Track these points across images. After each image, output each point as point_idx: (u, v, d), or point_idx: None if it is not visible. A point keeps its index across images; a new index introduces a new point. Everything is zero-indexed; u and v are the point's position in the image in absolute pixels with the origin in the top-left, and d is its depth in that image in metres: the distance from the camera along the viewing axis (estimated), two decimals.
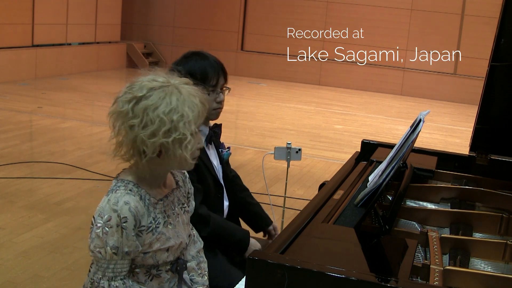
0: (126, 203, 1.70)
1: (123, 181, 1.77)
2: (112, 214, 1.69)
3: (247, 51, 13.47)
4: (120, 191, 1.73)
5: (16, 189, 4.85)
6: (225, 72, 2.49)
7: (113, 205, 1.70)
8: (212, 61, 2.44)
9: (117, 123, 1.71)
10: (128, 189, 1.74)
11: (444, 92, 12.19)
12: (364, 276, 1.50)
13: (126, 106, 1.69)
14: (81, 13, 11.86)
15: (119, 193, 1.72)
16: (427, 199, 2.44)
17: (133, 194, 1.74)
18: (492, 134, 2.77)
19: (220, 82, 2.45)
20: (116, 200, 1.71)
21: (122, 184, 1.76)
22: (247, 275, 1.56)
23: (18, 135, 6.70)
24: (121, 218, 1.69)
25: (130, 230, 1.71)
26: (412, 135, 2.08)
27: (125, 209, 1.70)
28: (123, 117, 1.70)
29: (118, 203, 1.70)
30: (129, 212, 1.70)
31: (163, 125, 1.66)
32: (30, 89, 9.81)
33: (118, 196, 1.72)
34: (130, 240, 1.72)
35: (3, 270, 3.42)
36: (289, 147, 3.55)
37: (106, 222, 1.69)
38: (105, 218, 1.69)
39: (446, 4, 12.07)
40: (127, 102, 1.70)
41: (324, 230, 1.87)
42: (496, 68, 2.58)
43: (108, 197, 1.73)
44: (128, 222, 1.70)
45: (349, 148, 7.06)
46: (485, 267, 1.92)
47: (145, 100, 1.68)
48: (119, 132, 1.72)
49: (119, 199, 1.71)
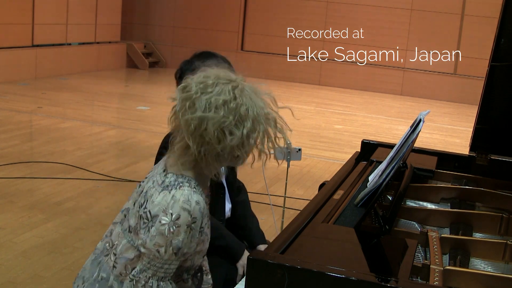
0: (197, 203, 1.64)
1: (184, 177, 1.69)
2: (182, 213, 1.62)
3: (247, 51, 13.47)
4: (185, 188, 1.65)
5: (16, 189, 4.85)
6: (232, 69, 2.49)
7: (184, 203, 1.62)
8: (219, 58, 2.46)
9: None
10: (193, 187, 1.67)
11: (444, 92, 12.19)
12: (364, 276, 1.50)
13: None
14: (81, 13, 11.86)
15: (186, 191, 1.65)
16: (427, 199, 2.44)
17: (199, 193, 1.67)
18: (492, 134, 2.77)
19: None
20: (186, 198, 1.63)
21: (185, 180, 1.68)
22: (247, 275, 1.56)
23: (18, 135, 6.70)
24: (192, 218, 1.63)
25: (196, 231, 1.66)
26: (412, 135, 2.08)
27: (197, 209, 1.64)
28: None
29: (189, 202, 1.63)
30: (199, 212, 1.65)
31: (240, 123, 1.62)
32: (30, 89, 9.81)
33: (186, 194, 1.64)
34: (193, 241, 1.67)
35: (3, 270, 3.42)
36: (289, 147, 3.55)
37: (175, 220, 1.61)
38: (174, 216, 1.61)
39: (446, 4, 12.07)
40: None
41: (324, 230, 1.87)
42: (496, 68, 2.58)
43: (172, 194, 1.64)
44: (196, 222, 1.65)
45: (349, 148, 7.05)
46: (485, 267, 1.92)
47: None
48: (177, 118, 1.65)
49: (189, 197, 1.64)
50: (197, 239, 1.69)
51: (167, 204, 1.63)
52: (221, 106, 1.60)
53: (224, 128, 1.61)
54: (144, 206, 1.68)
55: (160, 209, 1.63)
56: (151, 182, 1.74)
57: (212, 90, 1.62)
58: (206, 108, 1.61)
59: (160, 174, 1.73)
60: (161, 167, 1.76)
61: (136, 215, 1.72)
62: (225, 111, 1.60)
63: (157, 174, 1.76)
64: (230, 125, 1.61)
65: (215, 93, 1.62)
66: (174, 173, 1.70)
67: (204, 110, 1.60)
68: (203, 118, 1.60)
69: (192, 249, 1.70)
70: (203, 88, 1.63)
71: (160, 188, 1.68)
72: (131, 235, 1.73)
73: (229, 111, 1.61)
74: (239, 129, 1.61)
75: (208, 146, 1.62)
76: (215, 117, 1.60)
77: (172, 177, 1.69)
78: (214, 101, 1.61)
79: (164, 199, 1.64)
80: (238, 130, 1.61)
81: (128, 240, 1.74)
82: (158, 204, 1.64)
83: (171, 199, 1.63)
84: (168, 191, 1.65)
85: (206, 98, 1.61)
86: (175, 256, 1.65)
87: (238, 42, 13.52)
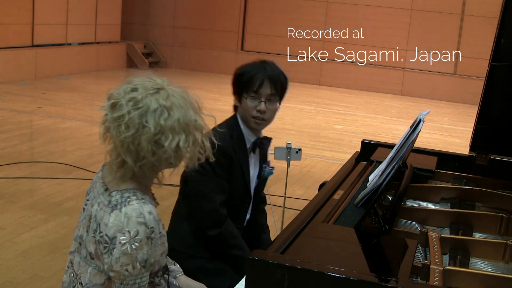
0: (150, 213, 1.65)
1: (128, 191, 1.69)
2: (139, 228, 1.62)
3: (247, 51, 13.46)
4: (134, 202, 1.66)
5: (16, 189, 4.85)
6: (276, 83, 2.40)
7: (137, 218, 1.63)
8: (267, 70, 2.40)
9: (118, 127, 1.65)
10: (140, 198, 1.68)
11: (444, 92, 12.19)
12: (364, 276, 1.50)
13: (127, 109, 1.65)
14: (81, 13, 11.86)
15: (136, 205, 1.65)
16: (427, 199, 2.44)
17: (147, 201, 1.68)
18: (492, 134, 2.77)
19: (265, 91, 2.38)
20: (138, 212, 1.64)
21: (130, 194, 1.68)
22: (247, 275, 1.56)
23: (18, 135, 6.70)
24: (150, 229, 1.64)
25: (157, 239, 1.67)
26: (412, 135, 2.08)
27: (151, 219, 1.64)
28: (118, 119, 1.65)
29: (142, 214, 1.64)
30: (155, 221, 1.66)
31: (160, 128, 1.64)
32: (30, 89, 9.81)
33: (137, 208, 1.64)
34: (157, 250, 1.68)
35: (3, 270, 3.42)
36: (289, 147, 3.54)
37: (134, 237, 1.61)
38: (133, 233, 1.61)
39: (446, 4, 12.07)
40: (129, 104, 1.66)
41: (324, 230, 1.87)
42: (496, 68, 2.58)
43: (124, 211, 1.64)
44: (155, 231, 1.65)
45: (349, 148, 7.06)
46: (485, 267, 1.92)
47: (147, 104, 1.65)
48: (112, 137, 1.66)
49: (141, 210, 1.64)
50: (160, 245, 1.70)
51: (121, 223, 1.63)
52: (152, 120, 1.63)
53: (157, 141, 1.63)
54: (99, 231, 1.67)
55: (116, 230, 1.63)
56: (97, 205, 1.73)
57: (143, 105, 1.64)
58: (140, 125, 1.63)
59: (103, 194, 1.73)
60: (101, 187, 1.76)
61: (92, 241, 1.71)
62: (157, 124, 1.63)
63: (99, 195, 1.75)
64: (162, 137, 1.63)
65: (145, 107, 1.63)
66: (118, 190, 1.70)
67: (138, 128, 1.63)
68: (136, 135, 1.63)
69: (158, 256, 1.71)
70: (134, 105, 1.64)
71: (109, 209, 1.67)
72: (94, 261, 1.72)
73: (161, 124, 1.63)
74: (172, 140, 1.64)
75: (144, 160, 1.65)
76: (148, 132, 1.62)
77: (117, 195, 1.69)
78: (144, 117, 1.63)
79: (117, 219, 1.64)
80: (170, 141, 1.64)
81: (93, 267, 1.72)
82: (113, 226, 1.63)
83: (124, 217, 1.63)
84: (118, 210, 1.65)
85: (138, 115, 1.63)
86: (144, 269, 1.66)
87: (238, 42, 13.52)
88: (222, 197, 2.37)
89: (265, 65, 2.42)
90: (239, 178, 2.43)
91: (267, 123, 2.45)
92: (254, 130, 2.46)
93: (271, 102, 2.40)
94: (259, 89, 2.37)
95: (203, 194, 2.37)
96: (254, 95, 2.38)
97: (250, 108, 2.39)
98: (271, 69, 2.41)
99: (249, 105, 2.39)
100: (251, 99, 2.39)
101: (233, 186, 2.41)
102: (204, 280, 2.29)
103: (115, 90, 1.71)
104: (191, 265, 2.38)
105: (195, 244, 2.44)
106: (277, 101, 2.43)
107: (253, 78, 2.37)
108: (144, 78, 1.71)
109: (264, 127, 2.47)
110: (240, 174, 2.43)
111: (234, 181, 2.42)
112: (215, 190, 2.37)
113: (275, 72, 2.42)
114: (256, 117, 2.40)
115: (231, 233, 2.39)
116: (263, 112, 2.39)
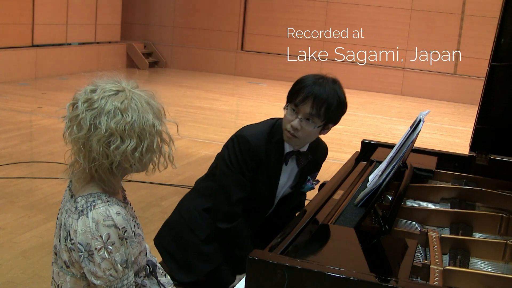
0: (118, 214, 1.64)
1: (93, 195, 1.68)
2: (110, 230, 1.61)
3: (247, 51, 13.46)
4: (99, 206, 1.64)
5: (16, 189, 4.84)
6: (320, 104, 2.26)
7: (105, 221, 1.61)
8: (317, 87, 2.27)
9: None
10: (105, 201, 1.66)
11: (444, 92, 12.18)
12: (364, 276, 1.50)
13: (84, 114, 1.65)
14: (81, 13, 11.86)
15: (102, 208, 1.64)
16: (427, 199, 2.44)
17: (114, 203, 1.67)
18: (492, 134, 2.77)
19: (304, 108, 2.27)
20: (106, 215, 1.62)
21: (95, 198, 1.67)
22: (247, 275, 1.56)
23: (18, 135, 6.70)
24: (121, 229, 1.63)
25: (131, 237, 1.67)
26: (412, 135, 2.08)
27: (120, 219, 1.64)
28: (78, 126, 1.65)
29: (110, 217, 1.62)
30: (124, 221, 1.65)
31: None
32: (30, 89, 9.81)
33: (103, 211, 1.63)
34: (134, 247, 1.68)
35: (3, 270, 3.42)
36: None
37: (107, 240, 1.60)
38: (104, 237, 1.60)
39: (446, 4, 12.07)
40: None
41: (324, 230, 1.87)
42: (496, 68, 2.58)
43: (90, 217, 1.62)
44: (127, 231, 1.65)
45: (349, 148, 7.05)
46: (485, 267, 1.92)
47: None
48: (74, 142, 1.66)
49: (107, 213, 1.63)
50: (135, 243, 1.70)
51: (91, 229, 1.61)
52: (105, 122, 1.61)
53: (108, 143, 1.62)
54: (70, 238, 1.66)
55: (88, 237, 1.61)
56: (65, 212, 1.72)
57: (97, 106, 1.63)
58: (91, 126, 1.62)
59: (70, 201, 1.72)
60: (68, 194, 1.76)
61: (65, 249, 1.69)
62: (108, 127, 1.61)
63: (67, 202, 1.74)
64: (114, 140, 1.61)
65: (99, 109, 1.62)
66: (82, 195, 1.69)
67: (89, 128, 1.62)
68: (88, 136, 1.62)
69: (137, 253, 1.71)
70: (88, 106, 1.64)
71: (76, 215, 1.66)
72: (70, 269, 1.71)
73: (111, 126, 1.61)
74: (122, 143, 1.62)
75: (97, 162, 1.63)
76: (99, 134, 1.61)
77: (82, 200, 1.67)
78: (98, 118, 1.62)
79: (85, 225, 1.62)
80: (122, 145, 1.62)
81: (70, 275, 1.71)
82: (83, 232, 1.62)
83: (92, 222, 1.61)
84: (85, 215, 1.63)
85: (91, 115, 1.62)
86: (127, 269, 1.66)
87: (238, 42, 13.52)
88: (241, 194, 2.34)
89: (320, 81, 2.30)
90: (265, 183, 2.39)
91: (300, 141, 2.35)
92: (289, 141, 2.38)
93: (309, 122, 2.29)
94: (300, 104, 2.28)
95: (223, 187, 2.35)
96: (295, 108, 2.30)
97: (286, 119, 2.33)
98: (322, 88, 2.28)
99: (287, 117, 2.32)
100: (290, 111, 2.31)
101: (257, 189, 2.38)
102: (189, 259, 2.32)
103: (79, 90, 1.71)
104: (187, 239, 2.39)
105: (199, 220, 2.43)
106: (318, 123, 2.30)
107: (300, 91, 2.27)
108: (108, 80, 1.70)
109: (295, 144, 2.37)
110: (267, 179, 2.38)
111: (258, 184, 2.38)
112: (236, 186, 2.34)
113: (326, 92, 2.29)
114: (288, 131, 2.32)
115: (240, 233, 2.38)
116: (295, 129, 2.29)
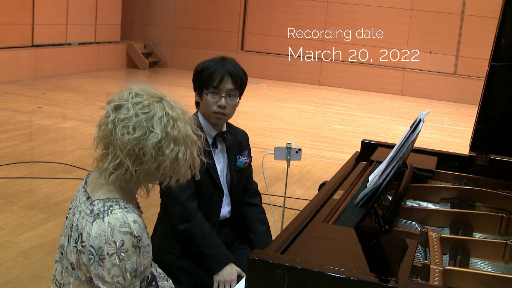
0: (135, 222, 1.63)
1: (111, 199, 1.67)
2: (125, 237, 1.60)
3: (247, 51, 13.47)
4: (117, 211, 1.64)
5: (16, 189, 4.85)
6: (236, 79, 2.47)
7: (122, 228, 1.61)
8: (227, 66, 2.46)
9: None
10: (123, 207, 1.66)
11: (444, 92, 12.18)
12: (364, 276, 1.50)
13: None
14: (81, 13, 11.86)
15: (119, 214, 1.63)
16: (427, 199, 2.44)
17: (131, 210, 1.66)
18: (492, 134, 2.77)
19: (225, 86, 2.44)
20: (122, 222, 1.61)
21: (113, 203, 1.66)
22: (247, 275, 1.56)
23: (18, 135, 6.70)
24: (137, 238, 1.62)
25: (145, 247, 1.66)
26: (412, 135, 2.08)
27: (137, 227, 1.63)
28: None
29: (127, 224, 1.62)
30: (140, 229, 1.64)
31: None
32: (30, 89, 9.81)
33: (121, 218, 1.62)
34: (146, 258, 1.67)
35: (3, 270, 3.42)
36: (289, 147, 3.54)
37: (121, 247, 1.59)
38: (119, 243, 1.59)
39: (446, 4, 12.07)
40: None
41: (324, 230, 1.87)
42: (496, 68, 2.58)
43: (106, 221, 1.61)
44: (142, 240, 1.64)
45: (349, 148, 7.05)
46: (485, 267, 1.92)
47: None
48: (113, 139, 1.66)
49: (125, 219, 1.62)
50: (148, 253, 1.69)
51: (105, 233, 1.60)
52: (158, 127, 1.65)
53: (160, 147, 1.64)
54: (81, 240, 1.65)
55: (101, 241, 1.60)
56: (78, 214, 1.71)
57: (150, 110, 1.66)
58: (147, 129, 1.64)
59: (85, 203, 1.70)
60: (83, 196, 1.74)
61: (74, 251, 1.68)
62: (163, 131, 1.64)
63: (81, 203, 1.72)
64: (165, 145, 1.65)
65: (152, 113, 1.66)
66: (100, 199, 1.68)
67: (145, 131, 1.64)
68: (142, 138, 1.63)
69: (147, 264, 1.70)
70: (141, 108, 1.66)
71: (91, 218, 1.64)
72: (75, 271, 1.70)
73: (167, 131, 1.65)
74: (173, 149, 1.66)
75: (143, 166, 1.65)
76: (154, 137, 1.63)
77: (99, 204, 1.66)
78: (150, 121, 1.65)
79: (100, 229, 1.61)
80: (172, 150, 1.65)
81: (75, 277, 1.71)
82: (97, 236, 1.61)
83: (107, 227, 1.60)
84: (100, 219, 1.62)
85: (146, 118, 1.65)
86: (135, 278, 1.65)
87: (238, 42, 13.52)
88: (187, 191, 2.41)
89: (224, 61, 2.48)
90: (203, 173, 2.42)
91: (228, 117, 2.51)
92: (215, 125, 2.52)
93: (231, 97, 2.47)
94: (220, 84, 2.44)
95: (169, 193, 2.41)
96: (215, 90, 2.45)
97: (211, 103, 2.46)
98: (230, 65, 2.47)
99: (210, 101, 2.46)
100: (211, 94, 2.45)
101: (199, 181, 2.42)
102: (173, 275, 2.36)
103: (115, 95, 1.73)
104: (165, 260, 2.45)
105: (170, 240, 2.50)
106: (237, 96, 2.50)
107: (213, 74, 2.44)
108: (143, 87, 1.74)
109: (224, 121, 2.54)
110: (205, 171, 2.43)
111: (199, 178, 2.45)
112: (179, 186, 2.39)
113: (235, 68, 2.48)
114: (217, 112, 2.46)
115: (201, 230, 2.42)
116: (223, 107, 2.45)
